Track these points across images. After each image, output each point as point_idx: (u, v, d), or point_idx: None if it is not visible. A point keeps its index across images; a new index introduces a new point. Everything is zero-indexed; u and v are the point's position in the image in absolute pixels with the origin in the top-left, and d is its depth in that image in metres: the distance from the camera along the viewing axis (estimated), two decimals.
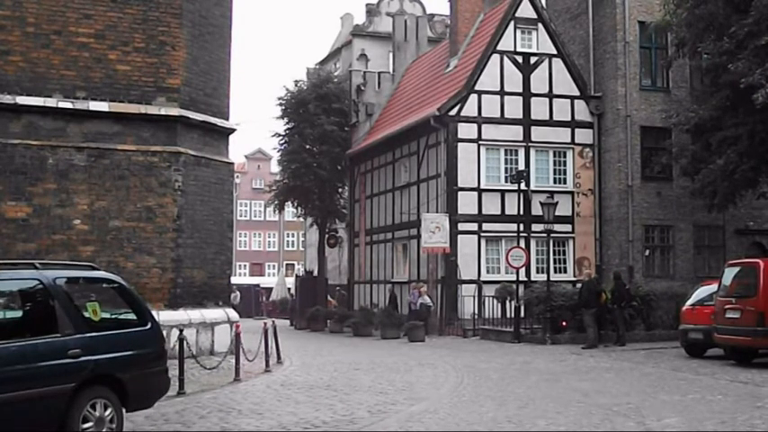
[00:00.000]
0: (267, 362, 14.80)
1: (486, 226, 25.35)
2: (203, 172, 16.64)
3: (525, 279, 23.78)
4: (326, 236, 35.88)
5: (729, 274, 16.19)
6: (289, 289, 45.09)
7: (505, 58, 26.10)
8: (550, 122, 26.29)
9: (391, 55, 36.28)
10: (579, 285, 21.79)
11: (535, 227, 24.26)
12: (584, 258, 26.11)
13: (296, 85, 35.00)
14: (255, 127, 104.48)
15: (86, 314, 7.91)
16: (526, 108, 26.09)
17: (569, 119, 26.50)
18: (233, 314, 17.21)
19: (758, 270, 15.04)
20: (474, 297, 24.11)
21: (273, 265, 68.15)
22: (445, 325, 24.87)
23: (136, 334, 8.32)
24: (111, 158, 15.54)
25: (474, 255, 25.19)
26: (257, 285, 53.08)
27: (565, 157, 26.49)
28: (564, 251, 26.13)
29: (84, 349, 7.44)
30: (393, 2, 41.73)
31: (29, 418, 6.95)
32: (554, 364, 15.87)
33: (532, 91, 26.20)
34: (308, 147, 33.79)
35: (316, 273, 36.66)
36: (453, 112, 25.59)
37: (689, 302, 17.83)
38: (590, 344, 19.18)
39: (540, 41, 26.37)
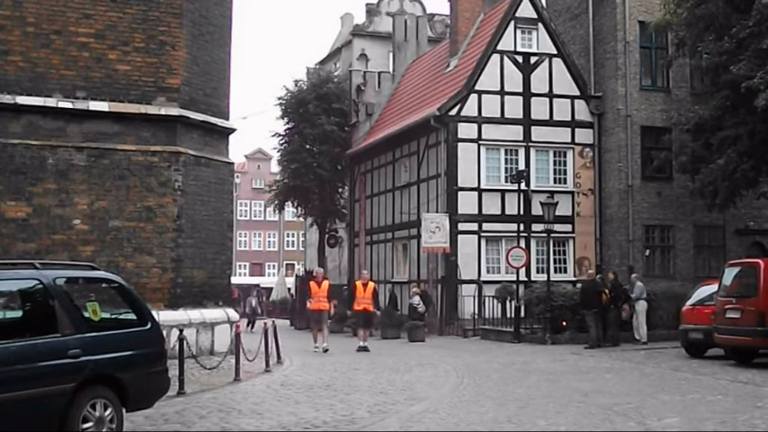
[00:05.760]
0: (267, 362, 14.79)
1: (486, 226, 25.35)
2: (203, 172, 16.63)
3: (525, 279, 23.78)
4: (326, 236, 35.86)
5: (729, 274, 16.19)
6: (289, 289, 45.06)
7: (505, 58, 26.10)
8: (550, 122, 26.29)
9: (391, 55, 36.28)
10: (579, 285, 21.82)
11: (535, 227, 24.27)
12: (584, 258, 26.11)
13: (296, 85, 35.00)
14: (255, 126, 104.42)
15: (86, 314, 7.90)
16: (526, 108, 26.09)
17: (569, 119, 26.51)
18: (233, 314, 17.19)
19: (758, 270, 15.03)
20: (474, 297, 24.11)
21: (273, 265, 68.14)
22: (445, 325, 24.88)
23: (136, 334, 8.31)
24: (111, 158, 15.53)
25: (474, 255, 25.20)
26: (257, 285, 53.05)
27: (565, 157, 26.49)
28: (564, 251, 26.14)
29: (84, 349, 7.42)
30: (393, 2, 41.70)
31: (29, 418, 6.94)
32: (554, 364, 15.87)
33: (532, 91, 26.20)
34: (308, 147, 33.78)
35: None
36: (453, 112, 25.59)
37: (689, 302, 17.83)
38: (592, 344, 19.17)
39: (541, 41, 26.37)
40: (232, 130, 17.89)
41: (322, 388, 12.25)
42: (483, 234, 25.37)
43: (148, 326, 8.45)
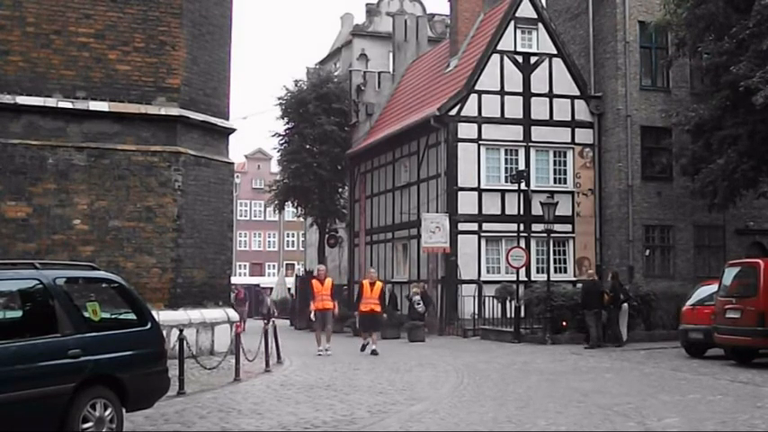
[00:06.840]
0: (267, 362, 14.78)
1: (486, 226, 25.36)
2: (203, 172, 16.63)
3: (525, 279, 23.78)
4: (326, 236, 35.86)
5: (729, 274, 16.18)
6: (289, 289, 45.06)
7: (505, 58, 26.10)
8: (550, 122, 26.29)
9: (391, 55, 36.29)
10: (580, 285, 21.81)
11: (535, 227, 24.27)
12: (584, 258, 26.11)
13: (296, 85, 35.00)
14: (255, 126, 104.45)
15: (86, 314, 7.90)
16: (526, 108, 26.09)
17: (569, 119, 26.51)
18: (233, 314, 17.19)
19: (758, 270, 15.03)
20: (474, 297, 24.11)
21: (273, 265, 68.14)
22: (445, 325, 24.88)
23: (136, 334, 8.31)
24: (111, 158, 15.53)
25: (474, 255, 25.20)
26: (257, 285, 53.05)
27: (565, 156, 26.49)
28: (564, 251, 26.14)
29: (83, 349, 7.43)
30: (393, 2, 41.71)
31: (29, 418, 6.94)
32: (554, 364, 15.87)
33: (532, 91, 26.20)
34: (308, 147, 33.78)
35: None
36: (453, 112, 25.60)
37: (689, 302, 17.83)
38: (592, 344, 19.17)
39: (540, 41, 26.38)
40: (232, 130, 17.89)
41: (322, 388, 12.26)
42: (483, 234, 25.37)
43: (148, 326, 8.45)
